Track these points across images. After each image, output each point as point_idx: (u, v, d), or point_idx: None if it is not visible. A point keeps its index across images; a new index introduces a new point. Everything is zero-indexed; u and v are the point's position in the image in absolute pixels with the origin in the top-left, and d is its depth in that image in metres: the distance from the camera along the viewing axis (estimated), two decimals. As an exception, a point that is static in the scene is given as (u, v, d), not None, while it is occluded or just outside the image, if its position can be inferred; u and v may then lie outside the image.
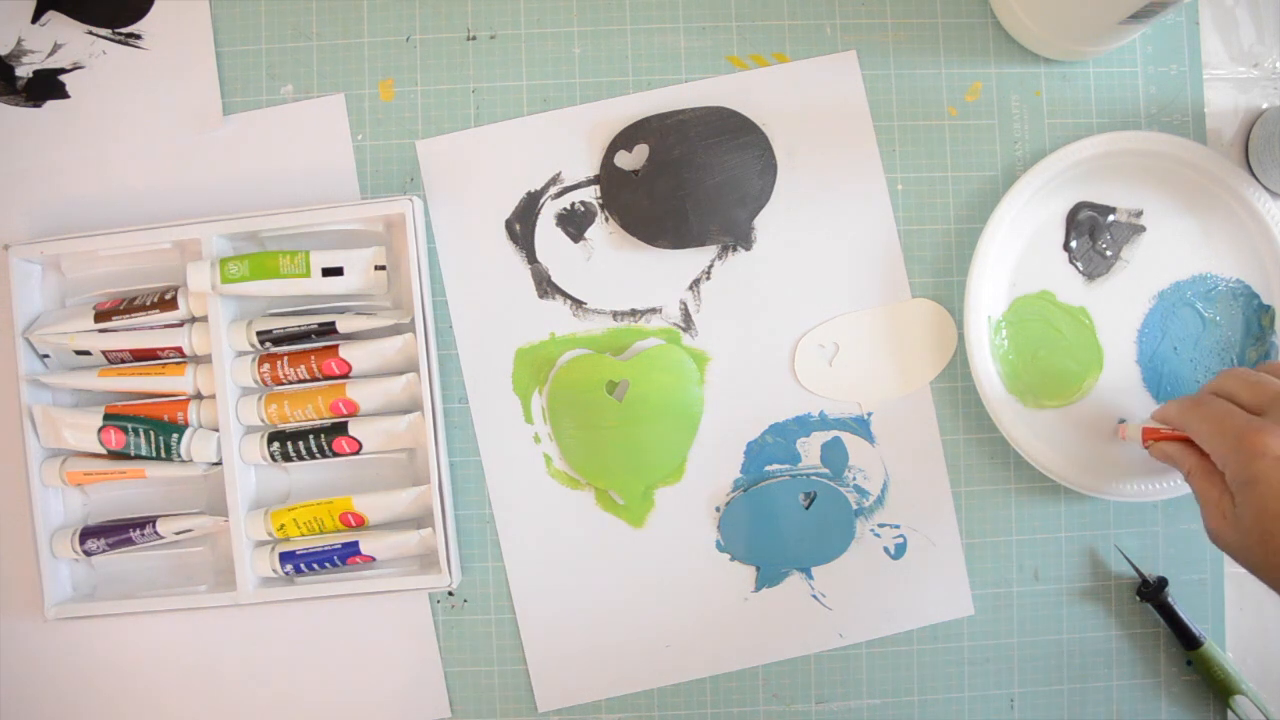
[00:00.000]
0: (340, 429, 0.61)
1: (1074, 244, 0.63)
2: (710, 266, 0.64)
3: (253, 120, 0.64)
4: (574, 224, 0.64)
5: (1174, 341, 0.63)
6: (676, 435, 0.63)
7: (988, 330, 0.62)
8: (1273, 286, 0.63)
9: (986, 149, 0.64)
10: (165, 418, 0.61)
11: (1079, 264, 0.63)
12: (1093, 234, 0.63)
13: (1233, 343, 0.63)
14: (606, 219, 0.64)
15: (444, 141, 0.64)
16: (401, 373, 0.61)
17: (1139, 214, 0.63)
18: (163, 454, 0.61)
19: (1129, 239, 0.63)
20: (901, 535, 0.64)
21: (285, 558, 0.61)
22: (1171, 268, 0.63)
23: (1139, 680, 0.64)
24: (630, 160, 0.63)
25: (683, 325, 0.64)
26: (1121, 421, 0.62)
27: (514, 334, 0.64)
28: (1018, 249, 0.63)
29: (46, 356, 0.62)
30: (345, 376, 0.62)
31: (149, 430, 0.61)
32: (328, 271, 0.60)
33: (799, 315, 0.64)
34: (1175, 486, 0.61)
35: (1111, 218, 0.63)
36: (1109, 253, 0.63)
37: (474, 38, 0.64)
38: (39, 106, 0.64)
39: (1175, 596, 0.63)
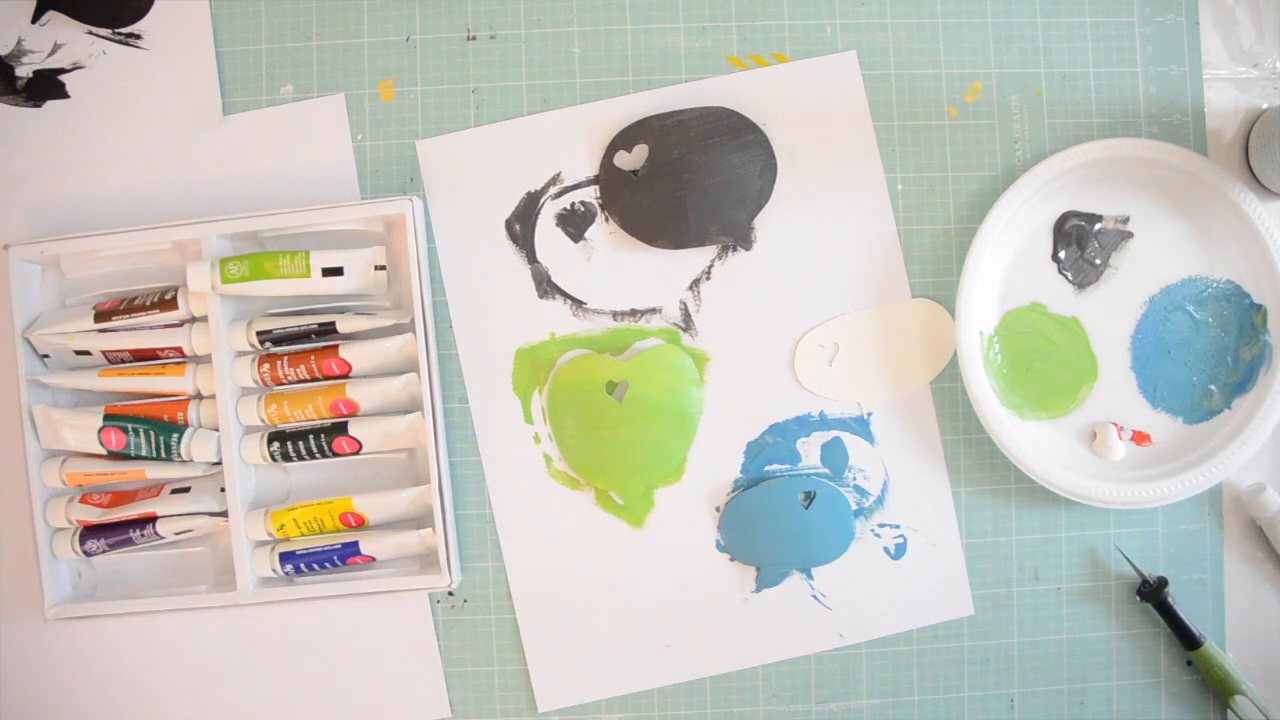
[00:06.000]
0: (340, 429, 0.61)
1: (1063, 254, 0.63)
2: (710, 266, 0.64)
3: (253, 120, 0.64)
4: (574, 224, 0.64)
5: (1168, 346, 0.63)
6: (676, 435, 0.63)
7: (980, 345, 0.62)
8: (1263, 285, 0.62)
9: (986, 149, 0.64)
10: (165, 418, 0.61)
11: (1069, 274, 0.63)
12: (1081, 243, 0.63)
13: (1226, 344, 0.63)
14: (606, 219, 0.64)
15: (444, 141, 0.64)
16: (401, 373, 0.61)
17: (1126, 220, 0.63)
18: (163, 454, 0.61)
19: (1117, 246, 0.63)
20: (901, 535, 0.64)
21: (285, 558, 0.61)
22: (1161, 272, 0.63)
23: (1139, 680, 0.64)
24: (630, 160, 0.63)
25: (683, 325, 0.64)
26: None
27: (514, 334, 0.64)
28: (1006, 262, 0.63)
29: (46, 356, 0.62)
30: (345, 376, 0.62)
31: (149, 430, 0.61)
32: (328, 271, 0.60)
33: (799, 315, 0.64)
34: (1173, 493, 0.61)
35: (1099, 226, 0.63)
36: (1098, 261, 0.63)
37: (474, 38, 0.64)
38: (39, 106, 0.64)
39: (1175, 596, 0.63)
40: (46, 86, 0.64)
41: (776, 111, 0.63)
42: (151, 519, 0.61)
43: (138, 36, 0.64)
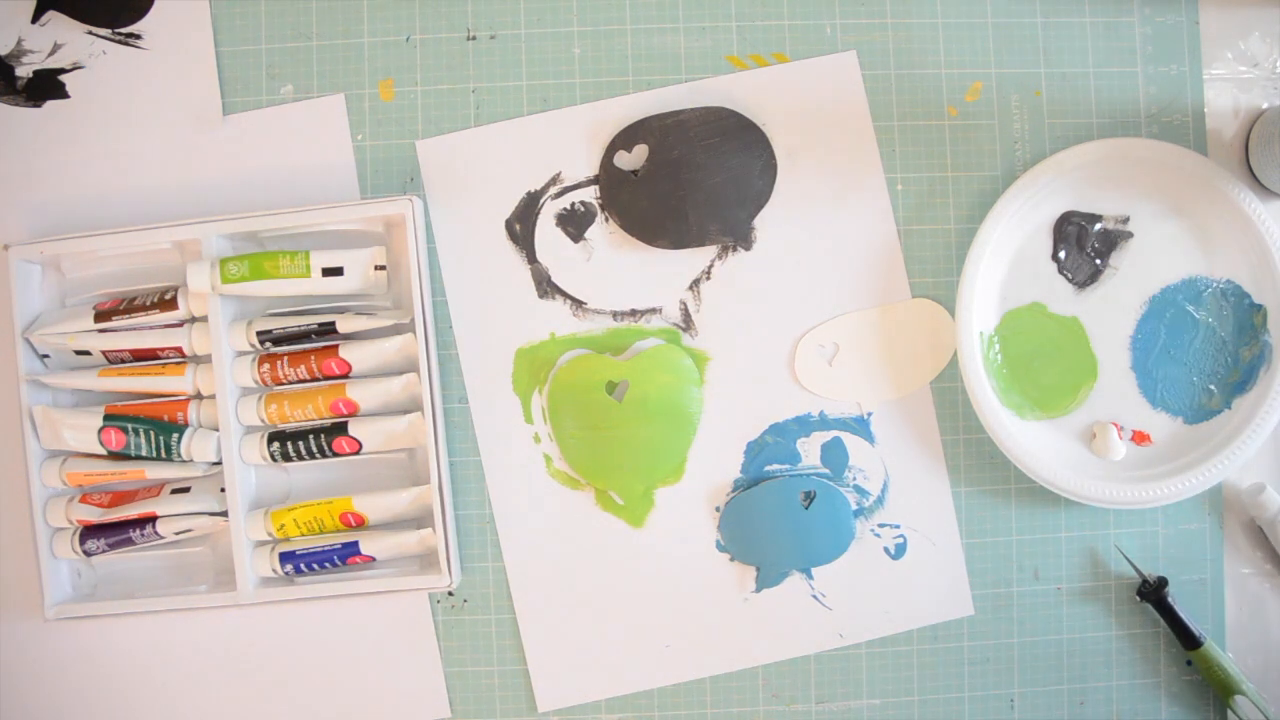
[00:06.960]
0: (340, 429, 0.61)
1: (1062, 254, 0.63)
2: (710, 266, 0.64)
3: (253, 120, 0.64)
4: (574, 224, 0.64)
5: (1167, 346, 0.63)
6: (676, 435, 0.63)
7: (980, 345, 0.62)
8: (1263, 285, 0.62)
9: (986, 149, 0.64)
10: (165, 418, 0.61)
11: (1068, 274, 0.63)
12: (1080, 243, 0.63)
13: (1226, 344, 0.63)
14: (606, 219, 0.64)
15: (444, 141, 0.64)
16: (401, 373, 0.61)
17: (1126, 220, 0.63)
18: (163, 454, 0.61)
19: (1117, 246, 0.63)
20: (901, 535, 0.64)
21: (285, 558, 0.61)
22: (1161, 272, 0.63)
23: (1139, 680, 0.64)
24: (630, 160, 0.63)
25: (683, 325, 0.64)
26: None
27: (514, 334, 0.64)
28: (1006, 263, 0.63)
29: (46, 356, 0.62)
30: (345, 376, 0.62)
31: (149, 430, 0.61)
32: (328, 271, 0.60)
33: (799, 315, 0.64)
34: (1173, 493, 0.61)
35: (1099, 226, 0.63)
36: (1098, 261, 0.63)
37: (474, 38, 0.64)
38: (39, 106, 0.64)
39: (1175, 596, 0.63)
40: (46, 86, 0.64)
41: (776, 111, 0.63)
42: (151, 519, 0.61)
43: (138, 36, 0.64)
